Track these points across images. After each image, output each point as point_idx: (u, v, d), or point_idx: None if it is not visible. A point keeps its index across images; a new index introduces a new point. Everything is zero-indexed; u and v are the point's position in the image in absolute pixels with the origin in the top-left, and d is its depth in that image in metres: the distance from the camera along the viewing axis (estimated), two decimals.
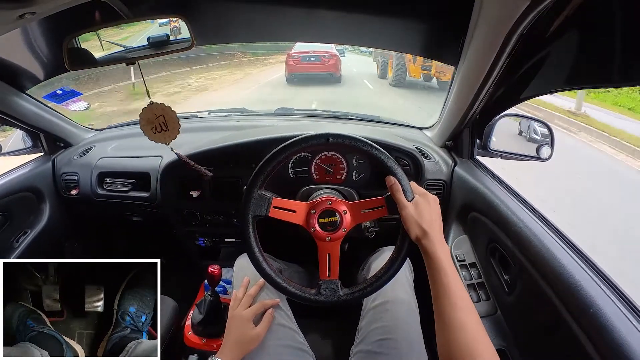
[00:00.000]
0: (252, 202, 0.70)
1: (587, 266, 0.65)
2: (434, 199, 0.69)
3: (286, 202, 0.72)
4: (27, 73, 1.04)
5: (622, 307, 0.57)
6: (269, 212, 0.71)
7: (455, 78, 0.98)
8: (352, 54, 17.63)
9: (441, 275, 0.60)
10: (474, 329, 0.56)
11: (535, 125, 1.07)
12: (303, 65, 8.31)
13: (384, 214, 0.70)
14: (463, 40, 0.85)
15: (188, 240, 1.28)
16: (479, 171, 1.05)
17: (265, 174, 0.70)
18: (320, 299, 0.72)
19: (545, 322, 0.68)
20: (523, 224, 0.79)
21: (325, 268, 0.73)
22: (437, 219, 0.67)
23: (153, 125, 0.85)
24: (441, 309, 0.59)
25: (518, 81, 0.85)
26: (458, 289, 0.60)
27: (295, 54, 8.20)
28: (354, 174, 1.09)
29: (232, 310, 0.81)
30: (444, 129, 1.15)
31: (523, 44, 0.73)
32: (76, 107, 1.30)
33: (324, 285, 0.72)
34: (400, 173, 0.68)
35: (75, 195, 1.25)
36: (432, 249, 0.63)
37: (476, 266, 0.97)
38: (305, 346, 0.82)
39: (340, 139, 0.70)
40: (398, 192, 0.67)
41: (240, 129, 1.30)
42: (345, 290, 0.72)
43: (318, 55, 8.15)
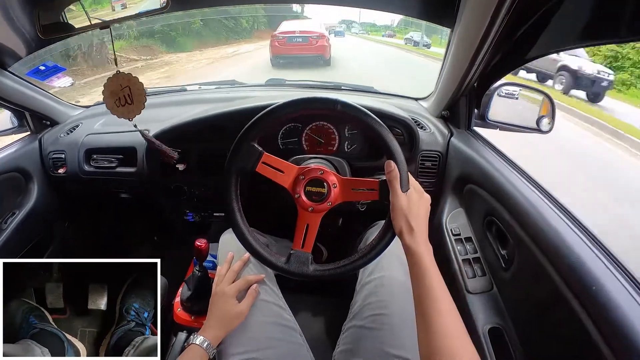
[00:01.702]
0: (240, 153, 0.66)
1: (590, 242, 0.61)
2: (427, 199, 0.67)
3: (277, 161, 0.69)
4: (7, 49, 1.00)
5: (627, 284, 0.54)
6: (256, 166, 0.67)
7: (451, 42, 0.93)
8: (354, 37, 16.33)
9: (425, 277, 0.58)
10: (456, 335, 0.54)
11: (535, 96, 1.02)
12: (288, 46, 7.44)
13: (374, 197, 0.67)
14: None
15: (176, 215, 1.26)
16: (476, 142, 1.00)
17: (261, 127, 0.66)
18: (288, 269, 0.69)
19: (544, 299, 0.65)
20: (522, 196, 0.75)
21: (300, 238, 0.70)
22: (424, 219, 0.64)
23: (117, 97, 0.79)
24: (424, 312, 0.57)
25: (518, 42, 0.80)
26: (441, 292, 0.58)
27: (280, 35, 7.39)
28: (346, 144, 1.06)
29: (216, 286, 0.79)
30: (440, 98, 1.10)
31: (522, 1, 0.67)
32: (60, 83, 1.26)
33: (294, 255, 0.70)
34: (402, 162, 0.65)
35: (62, 174, 1.23)
36: (416, 247, 0.61)
37: (472, 240, 0.93)
38: (292, 322, 0.80)
39: (349, 109, 0.66)
40: (395, 180, 0.64)
41: (231, 100, 1.26)
42: (316, 266, 0.70)
43: (305, 35, 7.38)
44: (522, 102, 1.04)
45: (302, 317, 0.86)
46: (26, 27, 0.96)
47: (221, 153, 1.04)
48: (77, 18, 0.83)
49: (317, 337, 0.87)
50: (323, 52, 7.58)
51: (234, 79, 1.60)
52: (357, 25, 17.62)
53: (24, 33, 0.97)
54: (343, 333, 0.79)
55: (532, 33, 0.75)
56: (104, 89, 0.78)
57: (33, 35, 0.99)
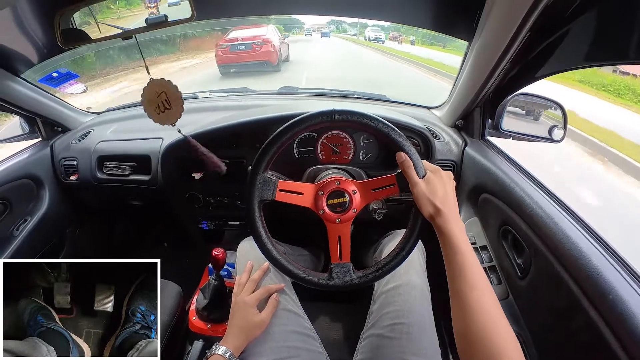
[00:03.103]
0: (257, 186, 0.67)
1: (605, 251, 0.62)
2: (447, 175, 0.66)
3: (292, 185, 0.70)
4: (20, 56, 1.00)
5: None
6: (275, 195, 0.68)
7: (468, 55, 0.94)
8: (340, 39, 16.37)
9: (457, 254, 0.58)
10: (491, 311, 0.53)
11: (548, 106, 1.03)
12: (232, 55, 7.12)
13: (395, 192, 0.67)
14: (479, 13, 0.80)
15: (191, 223, 1.25)
16: (490, 152, 1.01)
17: (270, 156, 0.67)
18: (333, 283, 0.69)
19: (561, 307, 0.65)
20: (537, 206, 0.76)
21: (337, 251, 0.70)
22: (451, 196, 0.63)
23: (155, 105, 0.78)
24: (457, 290, 0.56)
25: (534, 59, 0.81)
26: (475, 269, 0.57)
27: (223, 44, 7.12)
28: (361, 153, 1.06)
29: (236, 296, 0.79)
30: (455, 108, 1.11)
31: (544, 19, 0.69)
32: (73, 89, 1.26)
33: (336, 268, 0.70)
34: (411, 149, 0.65)
35: (74, 180, 1.23)
36: (447, 227, 0.60)
37: (487, 249, 0.95)
38: (311, 331, 0.80)
39: (347, 116, 0.67)
40: (409, 169, 0.64)
41: (243, 108, 1.26)
42: (358, 273, 0.70)
43: (248, 42, 7.06)
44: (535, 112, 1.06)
45: (319, 325, 0.86)
46: (39, 34, 0.96)
47: (238, 161, 1.06)
48: (95, 28, 0.84)
49: (335, 345, 0.88)
50: (268, 57, 7.21)
51: (245, 87, 1.60)
52: (347, 27, 17.75)
53: (37, 41, 0.98)
54: (361, 342, 0.79)
55: (550, 50, 0.77)
56: (142, 98, 0.77)
57: (46, 42, 0.99)
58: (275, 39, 7.53)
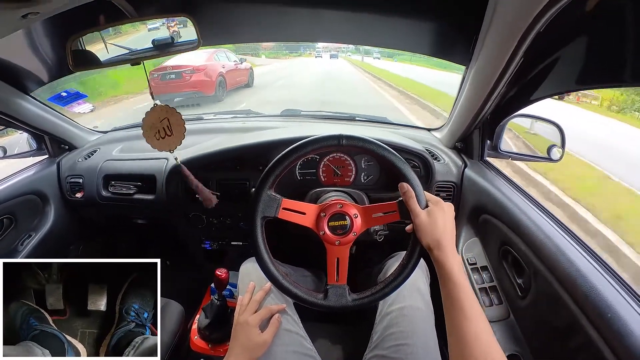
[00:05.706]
0: (261, 203, 0.69)
1: (603, 269, 0.64)
2: (448, 206, 0.68)
3: (296, 204, 0.71)
4: (31, 75, 1.03)
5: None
6: (278, 213, 0.69)
7: (465, 79, 0.97)
8: (344, 61, 17.69)
9: (454, 288, 0.60)
10: (487, 339, 0.55)
11: (546, 126, 1.05)
12: (162, 85, 6.10)
13: (395, 219, 0.69)
14: (475, 39, 0.83)
15: (194, 243, 1.26)
16: (489, 173, 1.03)
17: (276, 175, 0.69)
18: (328, 304, 0.70)
19: (561, 326, 0.66)
20: (536, 227, 0.77)
21: (334, 272, 0.71)
22: (449, 228, 0.65)
23: (156, 130, 0.79)
24: (454, 322, 0.58)
25: (530, 81, 0.84)
26: (470, 301, 0.59)
27: (154, 73, 6.07)
28: (363, 176, 1.07)
29: (238, 316, 0.79)
30: (454, 130, 1.13)
31: (538, 43, 0.71)
32: (81, 109, 1.29)
33: (332, 290, 0.71)
34: (415, 179, 0.67)
35: (80, 198, 1.24)
36: (444, 260, 0.62)
37: (488, 269, 0.95)
38: (313, 352, 0.80)
39: (354, 141, 0.69)
40: (411, 200, 0.66)
41: (247, 130, 1.29)
42: (354, 295, 0.71)
43: (177, 71, 6.15)
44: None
45: (320, 346, 0.86)
46: (50, 54, 0.99)
47: (241, 183, 1.08)
48: (104, 50, 0.87)
49: None
50: (199, 87, 6.25)
51: (249, 109, 1.63)
52: (353, 50, 19.23)
53: (48, 61, 1.01)
54: None
55: (544, 74, 0.79)
56: (143, 123, 0.78)
57: (56, 63, 1.02)
58: (217, 65, 6.64)
